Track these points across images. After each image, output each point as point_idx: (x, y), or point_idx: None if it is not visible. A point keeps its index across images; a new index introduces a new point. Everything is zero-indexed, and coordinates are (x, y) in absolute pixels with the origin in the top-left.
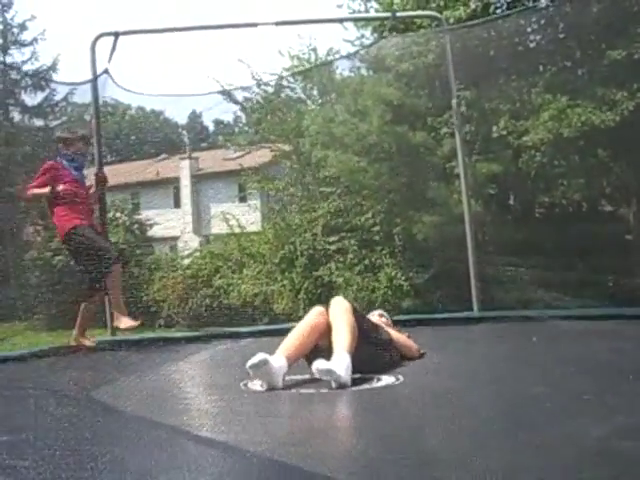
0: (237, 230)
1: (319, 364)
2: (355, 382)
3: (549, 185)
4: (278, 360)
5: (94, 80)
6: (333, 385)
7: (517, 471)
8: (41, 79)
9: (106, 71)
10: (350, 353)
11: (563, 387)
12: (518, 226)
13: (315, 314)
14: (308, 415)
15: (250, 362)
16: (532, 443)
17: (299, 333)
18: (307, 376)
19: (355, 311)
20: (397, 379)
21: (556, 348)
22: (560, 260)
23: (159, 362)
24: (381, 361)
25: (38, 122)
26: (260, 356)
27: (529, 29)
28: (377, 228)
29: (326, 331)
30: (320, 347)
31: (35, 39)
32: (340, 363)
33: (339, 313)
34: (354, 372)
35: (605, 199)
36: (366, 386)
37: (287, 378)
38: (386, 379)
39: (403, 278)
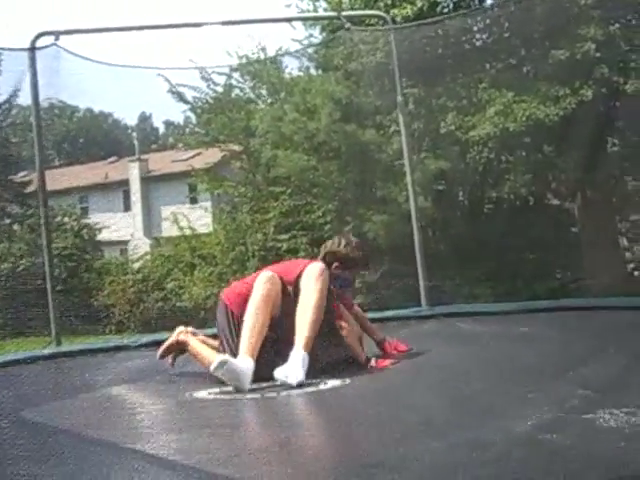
0: (188, 232)
1: (277, 375)
2: (302, 385)
3: (497, 180)
4: (244, 361)
5: (32, 49)
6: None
7: (451, 468)
8: None
9: (55, 44)
10: (308, 349)
11: (501, 383)
12: (467, 221)
13: (263, 283)
14: (252, 423)
15: (211, 367)
16: (467, 440)
17: (254, 315)
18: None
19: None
20: (344, 381)
21: (501, 343)
22: (509, 254)
23: (104, 372)
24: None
25: None
26: (219, 358)
27: (475, 28)
28: (328, 227)
29: (278, 300)
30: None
31: None
32: (295, 366)
33: (311, 287)
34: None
35: (551, 193)
36: (312, 389)
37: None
38: (332, 382)
39: None
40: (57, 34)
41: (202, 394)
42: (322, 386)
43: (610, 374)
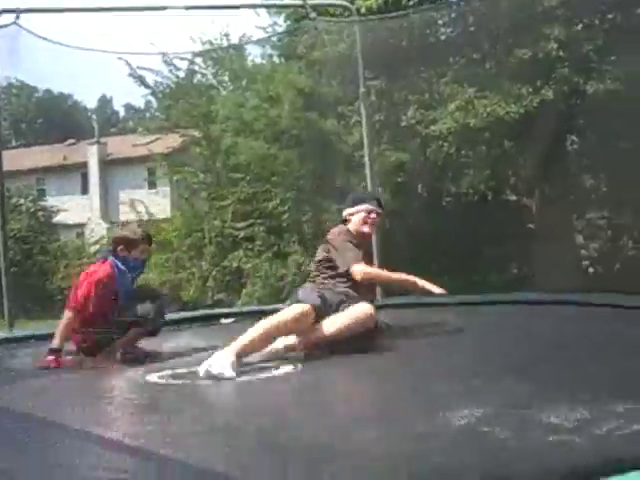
0: (145, 217)
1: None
2: (254, 370)
3: (456, 174)
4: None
5: None
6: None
7: (391, 459)
8: None
9: (15, 23)
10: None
11: (446, 376)
12: (425, 214)
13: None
14: (198, 407)
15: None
16: (408, 431)
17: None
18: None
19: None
20: (295, 367)
21: (450, 336)
22: (466, 248)
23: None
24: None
25: None
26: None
27: (440, 22)
28: (286, 215)
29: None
30: None
31: None
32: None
33: None
34: None
35: (509, 189)
36: (265, 374)
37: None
38: (284, 368)
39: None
40: (18, 12)
41: (154, 378)
42: (274, 372)
43: (557, 370)
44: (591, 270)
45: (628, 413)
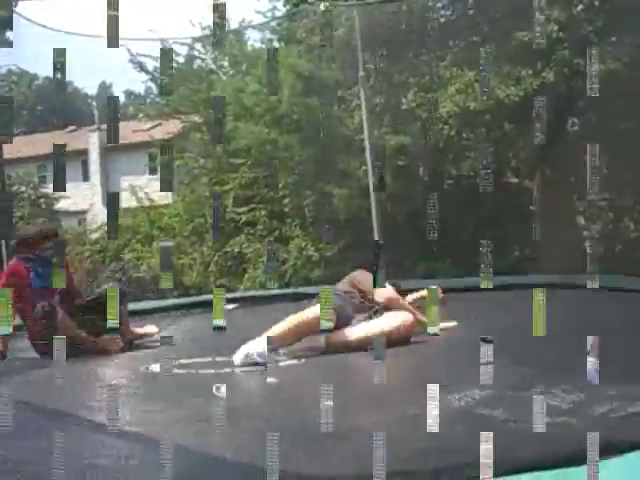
0: (146, 203)
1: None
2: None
3: (457, 157)
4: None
5: None
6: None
7: (392, 440)
8: None
9: (13, 10)
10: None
11: (445, 359)
12: (427, 197)
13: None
14: (199, 395)
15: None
16: (407, 413)
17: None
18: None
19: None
20: (299, 361)
21: (452, 320)
22: (467, 230)
23: None
24: None
25: None
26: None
27: (439, 4)
28: (287, 200)
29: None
30: None
31: None
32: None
33: None
34: None
35: (510, 171)
36: (270, 366)
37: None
38: (290, 361)
39: (313, 249)
40: (15, 0)
41: (157, 368)
42: (278, 364)
43: (555, 353)
44: (593, 252)
45: (623, 396)
